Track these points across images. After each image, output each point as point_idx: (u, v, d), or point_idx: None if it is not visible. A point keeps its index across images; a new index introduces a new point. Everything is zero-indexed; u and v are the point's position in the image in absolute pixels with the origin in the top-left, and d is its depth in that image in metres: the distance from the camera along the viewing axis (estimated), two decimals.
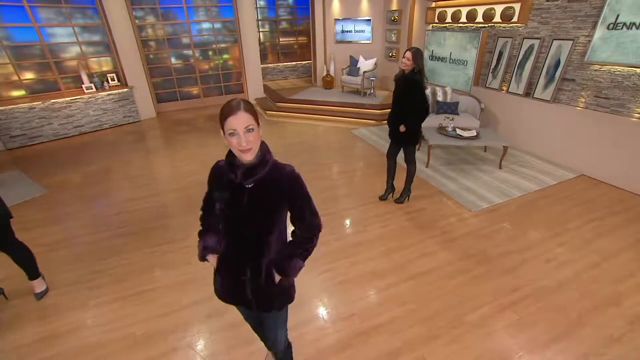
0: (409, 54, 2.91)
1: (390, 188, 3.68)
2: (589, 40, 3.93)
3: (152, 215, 3.66)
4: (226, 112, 1.09)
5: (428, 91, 5.32)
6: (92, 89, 6.32)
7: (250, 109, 1.12)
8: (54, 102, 5.91)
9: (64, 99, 6.00)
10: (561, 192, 3.85)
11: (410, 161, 3.39)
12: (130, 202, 3.95)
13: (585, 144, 4.15)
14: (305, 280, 2.68)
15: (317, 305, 2.44)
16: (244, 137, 1.10)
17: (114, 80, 6.73)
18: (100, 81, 6.45)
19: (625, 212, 3.43)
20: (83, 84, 6.26)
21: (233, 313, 2.36)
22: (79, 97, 6.17)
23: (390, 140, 3.43)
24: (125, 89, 6.77)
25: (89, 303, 2.51)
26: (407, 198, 3.65)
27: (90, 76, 6.41)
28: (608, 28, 3.72)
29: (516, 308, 2.34)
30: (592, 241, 3.00)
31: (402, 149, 3.38)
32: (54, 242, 3.24)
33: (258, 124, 1.15)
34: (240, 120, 1.08)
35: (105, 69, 6.77)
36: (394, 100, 3.16)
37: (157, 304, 2.48)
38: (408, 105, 3.03)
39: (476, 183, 4.02)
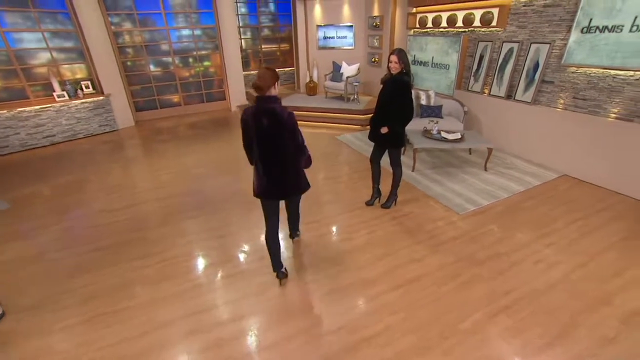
0: (394, 57, 2.86)
1: (377, 193, 3.60)
2: (565, 44, 4.02)
3: (128, 227, 3.45)
4: (278, 75, 2.15)
5: (412, 95, 5.33)
6: (64, 96, 6.03)
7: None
8: (21, 111, 5.59)
9: (32, 108, 5.68)
10: (545, 192, 3.87)
11: (396, 165, 3.32)
12: (104, 214, 3.71)
13: (566, 144, 4.21)
14: (289, 291, 2.55)
15: (302, 318, 2.30)
16: None
17: (88, 87, 6.45)
18: (73, 89, 6.16)
19: (607, 210, 3.46)
20: (54, 91, 5.96)
21: (215, 331, 2.20)
22: (50, 105, 5.87)
23: (373, 144, 3.36)
24: (101, 97, 6.49)
25: (54, 327, 2.29)
26: (393, 203, 3.58)
27: (62, 83, 6.12)
28: (582, 32, 3.81)
29: (509, 312, 2.27)
30: (578, 241, 2.99)
31: (387, 152, 3.31)
32: (13, 260, 2.98)
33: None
34: None
35: (79, 76, 6.49)
36: (379, 103, 3.10)
37: (131, 325, 2.29)
38: (395, 107, 2.97)
39: (462, 186, 4.00)
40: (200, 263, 2.90)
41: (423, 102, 5.33)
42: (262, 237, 3.16)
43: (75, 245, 3.20)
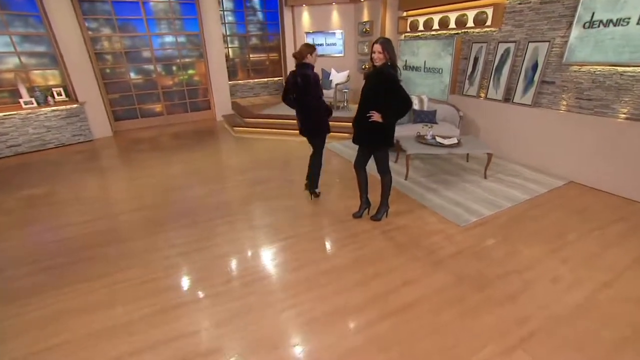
0: (378, 47, 2.52)
1: (365, 203, 3.19)
2: (566, 41, 3.75)
3: (87, 243, 3.00)
4: (313, 47, 3.06)
5: None
6: (32, 104, 5.61)
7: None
8: None
9: None
10: (553, 200, 3.49)
11: (384, 170, 2.93)
12: (62, 229, 3.25)
13: (571, 149, 3.88)
14: (266, 318, 2.09)
15: (278, 353, 1.84)
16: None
17: (60, 95, 6.04)
18: (43, 95, 5.76)
19: (625, 220, 3.09)
20: (21, 98, 5.54)
21: None
22: (15, 112, 5.44)
23: (358, 147, 2.97)
24: (75, 105, 6.09)
25: None
26: (385, 214, 3.16)
27: (31, 90, 5.71)
28: (584, 27, 3.55)
29: (527, 346, 1.84)
30: (597, 255, 2.59)
31: (373, 157, 2.92)
32: None
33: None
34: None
35: (52, 82, 6.10)
36: (363, 99, 2.73)
37: None
38: (384, 101, 2.61)
39: (461, 195, 3.61)
40: (164, 284, 2.43)
41: (416, 107, 5.01)
42: (248, 253, 2.83)
43: (15, 266, 2.72)
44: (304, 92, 3.08)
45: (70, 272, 2.59)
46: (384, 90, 2.58)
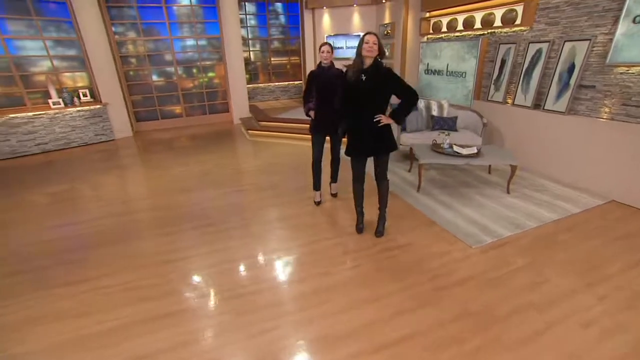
0: (374, 38, 2.30)
1: (361, 214, 2.94)
2: (610, 39, 3.27)
3: (79, 244, 2.98)
4: (321, 44, 3.09)
5: (422, 104, 4.68)
6: (59, 104, 5.86)
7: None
8: (12, 117, 5.44)
9: (24, 114, 5.52)
10: (588, 222, 3.02)
11: (385, 176, 2.69)
12: (51, 230, 3.26)
13: (614, 163, 3.36)
14: (227, 345, 1.87)
15: None
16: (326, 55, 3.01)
17: (86, 96, 6.29)
18: (70, 96, 6.00)
19: None
20: (50, 98, 5.81)
21: None
22: (44, 112, 5.70)
23: (352, 159, 2.70)
24: (98, 106, 6.31)
25: None
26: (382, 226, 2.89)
27: (60, 91, 5.98)
28: (634, 21, 3.06)
29: None
30: None
31: (377, 162, 2.67)
32: None
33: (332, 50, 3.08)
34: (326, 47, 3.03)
35: (80, 84, 6.38)
36: (358, 100, 2.46)
37: None
38: (384, 99, 2.38)
39: (478, 211, 3.23)
40: (138, 294, 2.30)
41: (434, 112, 4.65)
42: (240, 265, 2.62)
43: (9, 263, 2.72)
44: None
45: (40, 279, 2.51)
46: (386, 88, 2.35)
